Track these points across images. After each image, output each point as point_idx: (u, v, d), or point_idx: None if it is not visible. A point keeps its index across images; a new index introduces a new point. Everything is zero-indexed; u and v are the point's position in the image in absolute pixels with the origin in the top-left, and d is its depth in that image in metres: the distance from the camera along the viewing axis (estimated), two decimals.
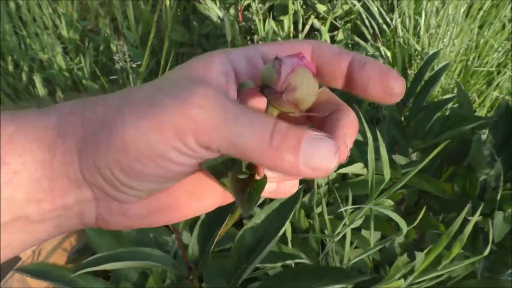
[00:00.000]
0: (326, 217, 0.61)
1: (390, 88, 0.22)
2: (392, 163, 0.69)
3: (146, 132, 0.20)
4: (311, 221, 0.67)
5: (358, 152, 0.65)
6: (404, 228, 0.44)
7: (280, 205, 0.40)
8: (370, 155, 0.49)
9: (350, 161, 0.63)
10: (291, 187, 0.27)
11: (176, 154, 0.20)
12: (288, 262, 0.50)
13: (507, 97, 1.08)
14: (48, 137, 0.20)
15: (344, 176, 0.73)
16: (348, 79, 0.23)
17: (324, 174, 0.20)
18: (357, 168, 0.59)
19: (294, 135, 0.20)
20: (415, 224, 0.47)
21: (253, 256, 0.42)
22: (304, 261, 0.53)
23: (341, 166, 0.61)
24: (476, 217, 0.44)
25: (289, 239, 0.56)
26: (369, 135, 0.49)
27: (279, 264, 0.50)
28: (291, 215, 0.40)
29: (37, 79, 1.04)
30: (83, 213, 0.22)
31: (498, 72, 1.13)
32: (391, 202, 0.68)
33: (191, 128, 0.20)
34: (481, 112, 1.03)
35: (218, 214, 0.44)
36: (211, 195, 0.25)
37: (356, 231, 0.69)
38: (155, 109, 0.20)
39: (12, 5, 1.21)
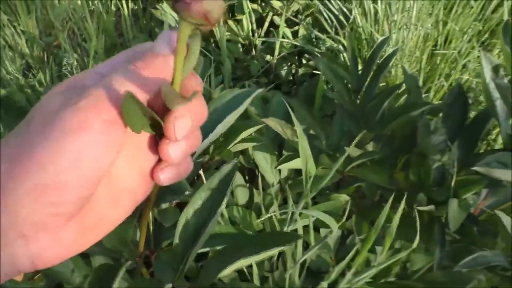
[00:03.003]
0: (275, 218, 0.59)
1: None
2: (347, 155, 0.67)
3: (55, 140, 0.21)
4: (264, 223, 0.65)
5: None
6: (334, 226, 0.42)
7: (219, 182, 0.38)
8: (302, 149, 0.46)
9: (296, 156, 0.60)
10: (188, 166, 0.28)
11: (91, 147, 0.22)
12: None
13: (476, 79, 1.05)
14: None
15: (300, 172, 0.71)
16: None
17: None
18: (299, 163, 0.56)
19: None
20: (343, 219, 0.45)
21: (197, 240, 0.41)
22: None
23: (284, 161, 0.59)
24: (402, 207, 0.41)
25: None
26: (298, 129, 0.47)
27: (225, 245, 0.48)
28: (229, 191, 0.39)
29: None
30: (14, 258, 0.22)
31: (467, 54, 1.10)
32: (346, 197, 0.65)
33: (90, 112, 0.22)
34: None
35: None
36: (126, 196, 0.26)
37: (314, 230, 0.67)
38: (55, 116, 0.22)
39: None
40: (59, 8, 1.27)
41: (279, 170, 0.66)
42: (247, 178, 0.72)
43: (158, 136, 0.26)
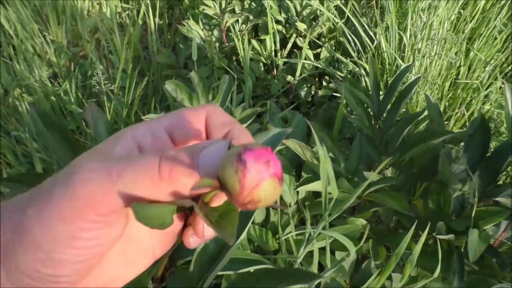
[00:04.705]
0: (291, 237, 0.59)
1: None
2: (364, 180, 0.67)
3: (50, 225, 0.21)
4: (280, 242, 0.65)
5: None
6: (352, 249, 0.42)
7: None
8: (322, 173, 0.47)
9: (315, 179, 0.61)
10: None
11: (87, 233, 0.21)
12: (250, 268, 0.48)
13: (497, 110, 1.04)
14: None
15: (318, 194, 0.71)
16: None
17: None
18: (317, 185, 0.56)
19: (185, 157, 0.21)
20: (361, 243, 0.45)
21: (215, 264, 0.41)
22: (269, 267, 0.51)
23: (303, 183, 0.59)
24: (424, 237, 0.41)
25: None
26: (321, 152, 0.48)
27: (242, 270, 0.48)
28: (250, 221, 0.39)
29: (22, 105, 1.05)
30: None
31: (489, 85, 1.10)
32: (363, 221, 0.65)
33: (86, 205, 0.20)
34: None
35: None
36: (143, 256, 0.26)
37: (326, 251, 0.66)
38: (51, 201, 0.21)
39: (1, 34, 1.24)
40: (88, 20, 1.30)
41: (297, 191, 0.66)
42: None
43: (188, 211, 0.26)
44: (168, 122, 0.25)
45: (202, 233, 0.25)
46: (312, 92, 1.14)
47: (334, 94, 1.09)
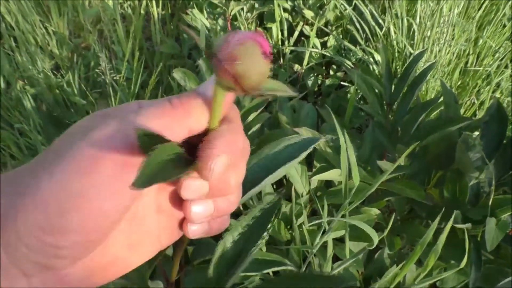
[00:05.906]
0: (305, 228, 0.57)
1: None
2: (377, 169, 0.66)
3: (62, 179, 0.20)
4: (293, 233, 0.64)
5: (339, 158, 0.62)
6: (375, 238, 0.40)
7: (263, 212, 0.37)
8: (343, 161, 0.45)
9: (329, 167, 0.59)
10: (222, 223, 0.27)
11: (96, 188, 0.20)
12: (271, 270, 0.47)
13: (508, 98, 1.03)
14: None
15: (329, 184, 0.70)
16: None
17: None
18: (333, 174, 0.55)
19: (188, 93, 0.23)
20: (385, 233, 0.43)
21: (235, 266, 0.40)
22: (289, 268, 0.50)
23: (317, 172, 0.58)
24: (449, 226, 0.40)
25: (264, 250, 0.53)
26: (342, 139, 0.46)
27: (263, 271, 0.47)
28: (272, 223, 0.38)
29: (25, 97, 1.03)
30: None
31: (500, 73, 1.08)
32: (377, 211, 0.64)
33: (102, 148, 0.20)
34: (481, 114, 0.99)
35: None
36: (148, 241, 0.25)
37: (340, 242, 0.65)
38: (67, 155, 0.20)
39: (3, 25, 1.22)
40: (90, 10, 1.28)
41: (309, 181, 0.65)
42: (274, 186, 0.71)
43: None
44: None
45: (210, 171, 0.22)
46: (319, 82, 1.12)
47: (341, 83, 1.08)
